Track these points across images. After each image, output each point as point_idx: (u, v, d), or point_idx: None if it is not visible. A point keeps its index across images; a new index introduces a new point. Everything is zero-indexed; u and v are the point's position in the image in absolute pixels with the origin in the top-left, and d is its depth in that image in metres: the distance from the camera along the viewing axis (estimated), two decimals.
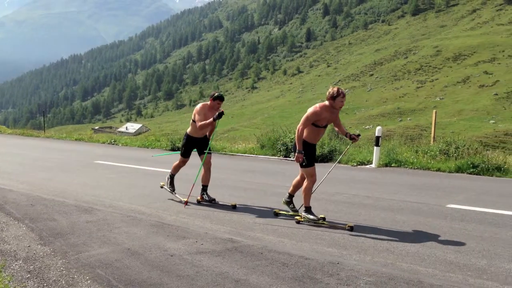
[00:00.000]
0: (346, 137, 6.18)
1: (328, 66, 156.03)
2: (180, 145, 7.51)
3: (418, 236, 5.53)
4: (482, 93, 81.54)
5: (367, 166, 11.59)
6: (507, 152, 22.45)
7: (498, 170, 10.18)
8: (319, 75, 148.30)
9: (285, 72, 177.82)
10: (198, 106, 7.13)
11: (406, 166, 11.21)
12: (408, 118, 73.47)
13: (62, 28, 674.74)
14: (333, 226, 5.91)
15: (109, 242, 5.25)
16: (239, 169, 11.22)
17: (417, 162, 11.24)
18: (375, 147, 11.56)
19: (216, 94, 7.03)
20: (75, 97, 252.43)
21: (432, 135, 13.38)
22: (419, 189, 8.46)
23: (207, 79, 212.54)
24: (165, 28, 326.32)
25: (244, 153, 13.21)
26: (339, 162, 12.41)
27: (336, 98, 5.86)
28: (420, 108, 78.97)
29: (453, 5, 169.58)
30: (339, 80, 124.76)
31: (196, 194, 7.44)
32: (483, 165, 10.25)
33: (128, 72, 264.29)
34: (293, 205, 6.50)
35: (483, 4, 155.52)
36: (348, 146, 8.48)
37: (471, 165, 10.39)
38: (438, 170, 10.75)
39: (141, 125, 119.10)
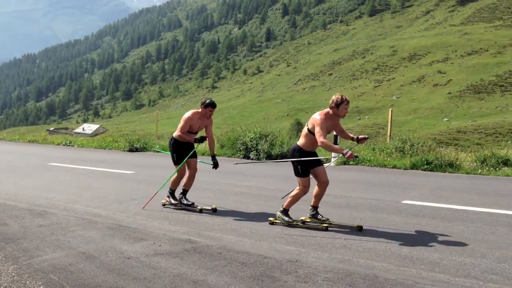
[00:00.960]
0: (354, 140, 5.90)
1: (288, 65, 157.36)
2: (170, 153, 7.03)
3: (375, 232, 5.64)
4: (436, 92, 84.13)
5: (326, 164, 11.72)
6: (459, 148, 23.27)
7: (451, 166, 10.52)
8: (279, 75, 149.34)
9: (245, 72, 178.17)
10: (188, 113, 6.82)
11: (363, 164, 11.43)
12: (366, 117, 74.97)
13: (16, 26, 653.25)
14: (341, 226, 5.81)
15: (63, 246, 5.10)
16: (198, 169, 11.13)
17: (374, 159, 11.48)
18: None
19: (208, 101, 6.76)
20: (29, 98, 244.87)
21: (389, 133, 13.68)
22: (376, 186, 8.64)
23: (166, 79, 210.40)
24: (123, 27, 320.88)
25: (204, 154, 13.14)
26: None
27: (340, 105, 5.62)
28: (378, 107, 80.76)
29: (408, 6, 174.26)
30: (299, 80, 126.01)
31: (161, 198, 7.32)
32: (437, 162, 10.57)
33: (85, 72, 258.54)
34: (321, 215, 6.03)
35: (436, 5, 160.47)
36: (353, 147, 7.81)
37: (425, 162, 10.70)
38: (394, 167, 11.01)
39: (98, 125, 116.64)
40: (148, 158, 14.56)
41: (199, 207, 6.84)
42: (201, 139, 6.72)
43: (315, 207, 6.05)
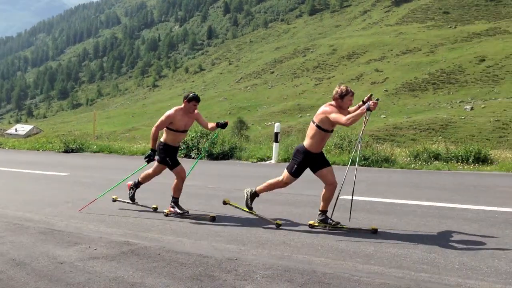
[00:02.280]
0: (361, 107, 5.48)
1: (230, 64, 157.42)
2: (160, 159, 6.50)
3: (313, 228, 5.73)
4: (374, 90, 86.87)
5: (267, 162, 11.83)
6: (396, 144, 24.15)
7: (386, 161, 10.89)
8: (221, 73, 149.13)
9: (187, 70, 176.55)
10: (170, 110, 6.35)
11: None
12: (308, 114, 76.23)
13: None
14: (354, 229, 5.61)
15: None
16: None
17: None
18: (274, 143, 11.82)
19: (191, 95, 6.33)
20: None
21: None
22: (314, 183, 8.75)
23: (105, 77, 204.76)
24: (58, 24, 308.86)
25: (144, 153, 12.88)
26: (239, 159, 12.58)
27: (345, 97, 5.43)
28: (319, 104, 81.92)
29: (346, 6, 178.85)
30: (241, 78, 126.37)
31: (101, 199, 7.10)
32: (373, 158, 10.91)
33: (17, 70, 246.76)
34: (331, 219, 5.77)
35: (373, 5, 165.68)
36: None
37: (362, 158, 11.01)
38: (333, 163, 11.24)
39: (32, 126, 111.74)
40: (84, 159, 14.10)
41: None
42: (224, 124, 6.51)
43: (324, 212, 5.80)
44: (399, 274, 4.17)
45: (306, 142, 5.62)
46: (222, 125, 6.57)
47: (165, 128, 6.38)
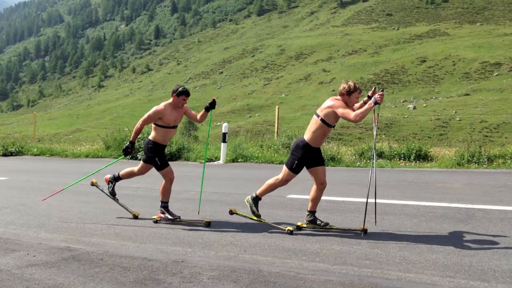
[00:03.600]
0: (366, 102, 5.31)
1: (178, 64, 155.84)
2: (147, 158, 6.13)
3: (260, 228, 5.75)
4: (322, 90, 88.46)
5: (215, 162, 11.79)
6: (343, 143, 24.67)
7: (333, 160, 11.10)
8: (169, 73, 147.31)
9: (134, 70, 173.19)
10: (159, 106, 5.99)
11: (252, 160, 11.64)
12: (257, 114, 76.63)
13: None
14: (344, 230, 5.52)
15: None
16: (80, 173, 10.59)
17: (261, 156, 11.74)
18: (222, 144, 11.80)
19: (181, 88, 5.99)
20: None
21: (276, 130, 14.09)
22: (263, 182, 8.82)
23: (47, 77, 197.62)
24: None
25: (88, 156, 12.53)
26: (187, 160, 12.47)
27: (353, 93, 5.25)
28: (268, 104, 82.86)
29: (294, 7, 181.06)
30: (190, 78, 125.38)
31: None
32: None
33: None
34: (319, 220, 5.63)
35: (319, 7, 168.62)
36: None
37: None
38: (281, 163, 11.34)
39: None
40: (24, 162, 13.54)
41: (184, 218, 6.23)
42: (212, 104, 6.05)
43: (312, 212, 5.67)
44: (343, 271, 4.26)
45: (308, 136, 5.44)
46: (211, 105, 6.11)
47: (153, 126, 6.06)
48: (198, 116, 6.20)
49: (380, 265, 4.36)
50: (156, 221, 6.09)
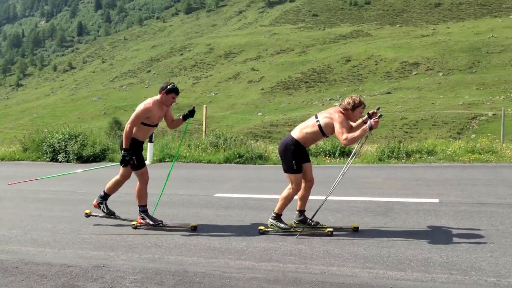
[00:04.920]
0: (366, 122, 5.14)
1: (103, 62, 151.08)
2: (122, 156, 5.58)
3: (186, 228, 5.67)
4: (251, 88, 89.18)
5: (147, 162, 11.53)
6: (272, 141, 25.00)
7: (260, 158, 11.21)
8: (93, 71, 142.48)
9: (55, 68, 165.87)
10: (148, 103, 5.54)
11: (179, 160, 11.49)
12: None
13: None
14: (336, 228, 5.34)
15: None
16: None
17: (189, 156, 11.63)
18: (148, 144, 11.55)
19: (170, 86, 5.53)
20: None
21: (204, 129, 14.00)
22: (191, 182, 8.74)
23: None
24: None
25: (4, 159, 11.83)
26: (111, 161, 12.09)
27: (357, 108, 5.06)
28: (197, 103, 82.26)
29: (222, 6, 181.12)
30: (116, 77, 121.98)
31: None
32: (248, 155, 11.15)
33: None
34: (310, 219, 5.40)
35: (248, 6, 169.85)
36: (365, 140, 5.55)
37: (237, 155, 11.21)
38: (209, 162, 11.31)
39: None
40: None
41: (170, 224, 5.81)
42: (191, 112, 5.69)
43: (302, 211, 5.49)
44: (268, 267, 4.30)
45: (298, 135, 5.27)
46: (190, 114, 5.82)
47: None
48: (173, 122, 5.91)
49: (304, 260, 4.45)
50: (135, 227, 5.71)
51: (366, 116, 5.24)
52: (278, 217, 5.37)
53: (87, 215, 5.96)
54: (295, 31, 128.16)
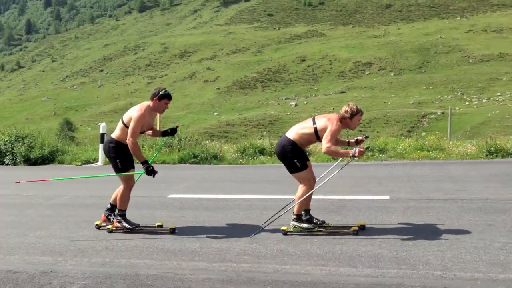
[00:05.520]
0: (350, 145, 5.19)
1: (54, 61, 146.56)
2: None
3: (138, 231, 5.55)
4: (207, 88, 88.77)
5: (93, 164, 11.26)
6: (229, 141, 24.95)
7: (215, 158, 11.15)
8: (43, 71, 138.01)
9: (2, 67, 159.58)
10: (139, 110, 5.27)
11: None
12: None
13: None
14: (335, 232, 5.20)
15: None
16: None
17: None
18: (100, 145, 11.29)
19: (162, 91, 5.28)
20: None
21: (158, 129, 13.79)
22: (144, 183, 8.55)
23: None
24: None
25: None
26: (61, 163, 11.75)
27: (355, 116, 5.04)
28: None
29: (177, 5, 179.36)
30: (67, 76, 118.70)
31: None
32: (203, 155, 11.07)
33: None
34: (316, 218, 5.34)
35: (202, 5, 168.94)
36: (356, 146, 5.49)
37: (192, 156, 11.11)
38: (163, 162, 11.16)
39: None
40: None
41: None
42: (173, 131, 5.47)
43: (307, 211, 5.35)
44: (222, 268, 4.28)
45: (294, 136, 5.22)
46: (171, 132, 5.68)
47: (122, 126, 5.35)
48: (152, 130, 5.68)
49: (258, 259, 4.45)
50: (111, 231, 5.49)
51: (354, 140, 5.29)
52: (299, 218, 5.27)
53: (110, 230, 5.55)
54: (250, 30, 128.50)
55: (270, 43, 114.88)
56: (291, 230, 5.23)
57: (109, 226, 5.56)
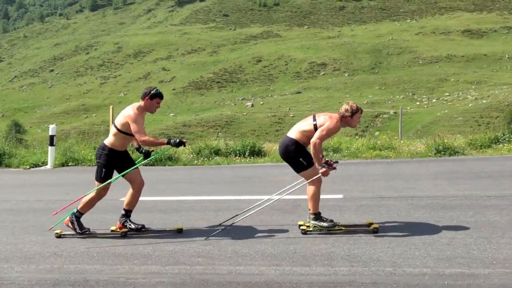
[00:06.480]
0: (321, 162, 5.15)
1: (1, 61, 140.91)
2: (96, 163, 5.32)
3: (88, 235, 5.40)
4: (162, 88, 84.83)
5: (42, 167, 10.90)
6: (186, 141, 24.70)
7: (170, 159, 11.03)
8: None
9: None
10: (133, 111, 5.17)
11: (84, 164, 10.99)
12: (94, 115, 73.04)
13: None
14: (353, 230, 5.14)
15: None
16: None
17: (94, 159, 11.15)
18: (49, 147, 10.95)
19: (154, 91, 5.23)
20: None
21: (111, 125, 13.49)
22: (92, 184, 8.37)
23: None
24: None
25: None
26: (8, 166, 11.31)
27: (355, 114, 5.07)
28: (106, 104, 79.22)
29: (130, 4, 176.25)
30: (15, 76, 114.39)
31: None
32: (157, 157, 10.90)
33: None
34: (325, 217, 5.25)
35: (157, 4, 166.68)
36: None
37: None
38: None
39: None
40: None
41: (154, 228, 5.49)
42: (180, 143, 5.13)
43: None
44: (175, 271, 4.23)
45: (297, 135, 5.22)
46: (145, 156, 5.71)
47: (115, 131, 5.24)
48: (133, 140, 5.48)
49: (212, 261, 4.42)
50: (59, 236, 5.32)
51: (324, 160, 5.25)
52: (318, 216, 5.22)
53: (124, 233, 5.41)
54: (206, 31, 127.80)
55: (226, 43, 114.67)
56: (311, 229, 5.18)
57: (57, 231, 5.37)
